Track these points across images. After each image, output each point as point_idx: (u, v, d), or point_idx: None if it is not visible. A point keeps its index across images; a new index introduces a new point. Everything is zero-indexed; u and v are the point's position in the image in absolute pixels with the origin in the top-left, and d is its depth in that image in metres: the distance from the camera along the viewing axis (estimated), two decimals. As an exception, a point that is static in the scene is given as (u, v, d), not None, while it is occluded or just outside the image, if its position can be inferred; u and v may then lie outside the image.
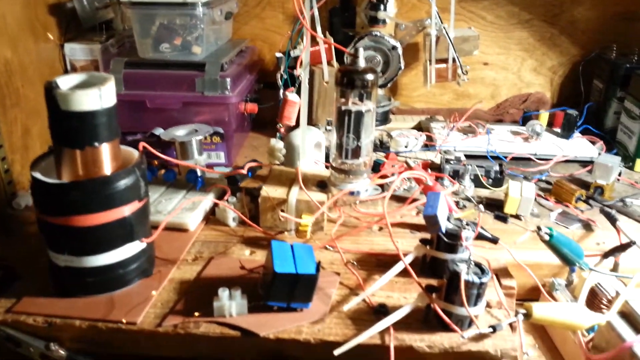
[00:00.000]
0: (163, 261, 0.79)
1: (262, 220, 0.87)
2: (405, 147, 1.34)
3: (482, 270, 0.64)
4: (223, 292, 0.66)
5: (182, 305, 0.69)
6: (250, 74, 1.40)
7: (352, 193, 0.85)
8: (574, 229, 0.98)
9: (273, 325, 0.65)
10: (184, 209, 0.88)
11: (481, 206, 0.73)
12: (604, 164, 1.09)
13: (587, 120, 1.38)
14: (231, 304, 0.66)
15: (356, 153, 0.85)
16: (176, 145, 1.07)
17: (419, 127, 1.49)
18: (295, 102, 0.92)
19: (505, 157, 1.25)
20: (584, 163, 1.24)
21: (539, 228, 0.70)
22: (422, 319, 0.66)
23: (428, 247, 0.74)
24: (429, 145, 1.34)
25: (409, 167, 0.98)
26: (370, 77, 0.82)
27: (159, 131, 1.23)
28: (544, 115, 1.38)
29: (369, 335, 0.62)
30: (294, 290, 0.66)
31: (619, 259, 0.87)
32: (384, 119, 1.49)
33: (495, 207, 1.03)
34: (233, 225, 0.89)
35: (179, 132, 1.09)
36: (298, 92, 0.93)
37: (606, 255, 0.84)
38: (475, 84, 1.58)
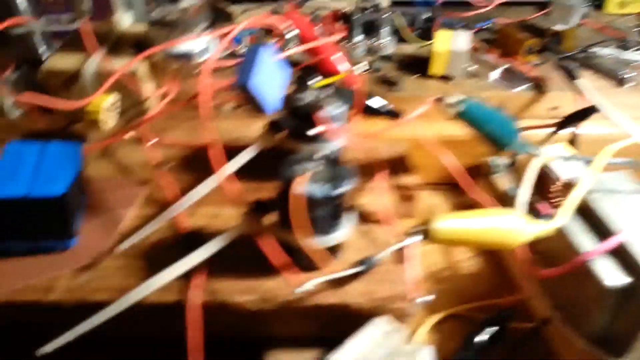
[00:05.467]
0: None
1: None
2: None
3: (341, 173, 0.37)
4: None
5: None
6: None
7: (178, 57, 0.56)
8: (520, 91, 0.72)
9: (6, 279, 0.39)
10: None
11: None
12: (564, 3, 0.81)
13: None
14: None
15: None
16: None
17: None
18: None
19: (436, 1, 0.95)
20: (541, 5, 0.95)
21: (439, 99, 0.43)
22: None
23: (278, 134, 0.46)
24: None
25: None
26: None
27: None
28: None
29: (150, 290, 0.36)
30: (36, 222, 0.39)
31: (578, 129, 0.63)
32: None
33: (420, 67, 0.76)
34: (15, 114, 0.59)
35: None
36: None
37: (561, 125, 0.59)
38: None
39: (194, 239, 0.42)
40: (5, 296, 0.38)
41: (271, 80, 0.40)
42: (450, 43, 0.72)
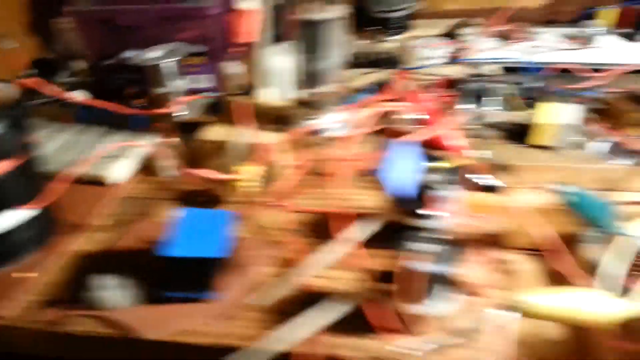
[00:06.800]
0: (72, 227, 0.64)
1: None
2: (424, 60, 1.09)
3: (448, 250, 0.43)
4: (99, 280, 0.50)
5: (70, 292, 0.55)
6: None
7: (315, 132, 0.65)
8: (625, 164, 0.73)
9: (165, 323, 0.49)
10: (108, 157, 0.72)
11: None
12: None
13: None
14: (114, 294, 0.50)
15: (315, 78, 0.63)
16: (146, 71, 0.89)
17: (451, 35, 1.22)
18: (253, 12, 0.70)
19: (548, 70, 0.97)
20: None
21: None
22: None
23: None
24: (457, 57, 1.08)
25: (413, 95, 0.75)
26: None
27: (129, 54, 1.06)
28: (607, 12, 1.08)
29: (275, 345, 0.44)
30: (191, 276, 0.49)
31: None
32: (401, 26, 1.23)
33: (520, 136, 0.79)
34: (168, 175, 0.72)
35: (152, 55, 0.91)
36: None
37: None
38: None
39: (319, 299, 0.50)
40: (159, 336, 0.49)
41: (406, 170, 0.47)
42: (553, 115, 0.75)
